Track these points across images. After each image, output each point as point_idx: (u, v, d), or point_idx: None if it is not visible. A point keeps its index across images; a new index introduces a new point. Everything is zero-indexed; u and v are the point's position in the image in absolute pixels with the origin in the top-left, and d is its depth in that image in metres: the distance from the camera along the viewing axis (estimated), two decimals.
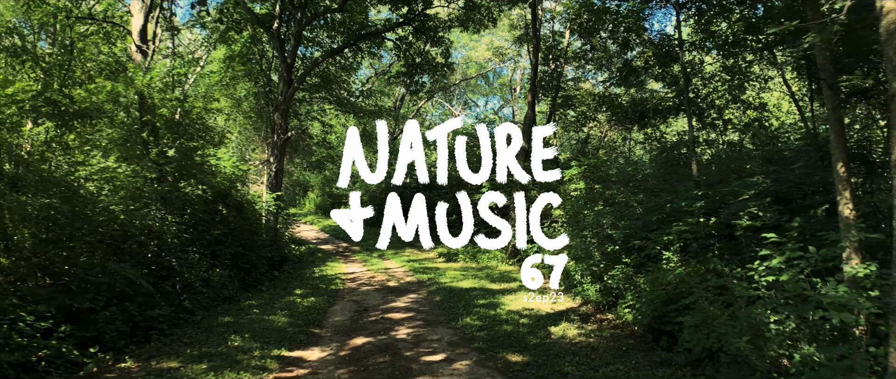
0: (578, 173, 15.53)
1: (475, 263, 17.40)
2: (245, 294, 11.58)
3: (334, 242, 22.94)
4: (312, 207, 32.45)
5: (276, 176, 18.69)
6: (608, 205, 12.76)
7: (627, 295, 8.74)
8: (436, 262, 17.83)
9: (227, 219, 12.88)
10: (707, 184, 9.71)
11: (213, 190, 12.56)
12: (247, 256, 12.77)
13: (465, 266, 16.84)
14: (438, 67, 21.89)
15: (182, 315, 8.88)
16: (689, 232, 8.25)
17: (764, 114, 21.30)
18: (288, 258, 16.73)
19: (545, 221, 16.43)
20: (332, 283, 13.45)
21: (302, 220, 29.94)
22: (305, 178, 34.47)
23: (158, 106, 11.22)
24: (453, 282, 13.54)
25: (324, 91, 21.88)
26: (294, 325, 8.84)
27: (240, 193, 14.45)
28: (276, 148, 18.73)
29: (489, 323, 9.08)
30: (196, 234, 11.30)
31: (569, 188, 16.58)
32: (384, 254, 19.78)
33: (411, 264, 16.90)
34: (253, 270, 12.87)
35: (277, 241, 17.16)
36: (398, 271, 15.75)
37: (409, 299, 11.43)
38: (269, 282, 13.35)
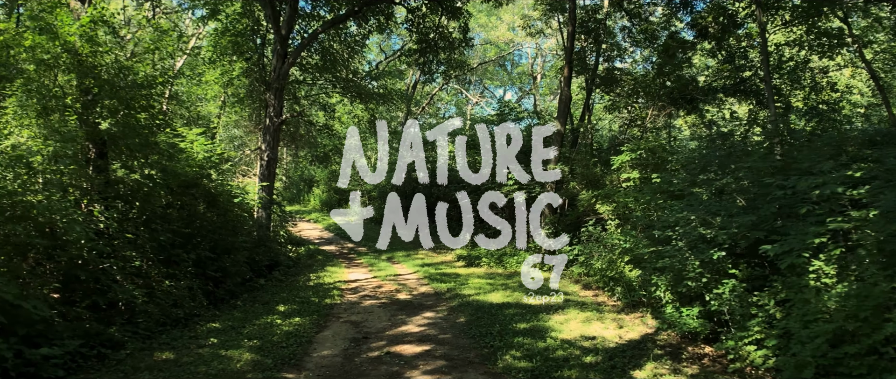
0: (631, 160, 12.66)
1: (502, 268, 14.60)
2: (211, 312, 8.88)
3: (339, 243, 20.27)
4: (317, 203, 29.82)
5: (268, 165, 16.05)
6: (673, 198, 9.91)
7: (751, 326, 5.87)
8: (455, 267, 15.06)
9: (193, 215, 10.20)
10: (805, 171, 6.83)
11: (177, 178, 9.90)
12: (219, 261, 10.08)
13: (491, 272, 14.04)
14: (456, 44, 19.11)
15: (101, 350, 6.19)
16: (854, 230, 5.40)
17: (840, 94, 18.27)
18: (280, 262, 14.04)
19: (589, 217, 13.60)
20: (329, 294, 10.73)
21: (305, 217, 27.29)
22: (310, 172, 31.87)
23: (97, 66, 8.54)
24: (479, 294, 10.76)
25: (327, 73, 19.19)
26: (259, 367, 6.10)
27: (216, 182, 11.77)
28: (268, 133, 16.07)
29: (541, 364, 6.26)
30: (145, 234, 8.62)
31: (617, 179, 13.71)
32: (394, 256, 17.05)
33: (426, 270, 14.15)
34: (227, 280, 10.17)
35: (268, 241, 14.50)
36: (410, 279, 12.99)
37: (425, 320, 8.67)
38: (249, 294, 10.66)
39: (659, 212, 9.93)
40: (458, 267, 14.96)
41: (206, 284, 9.58)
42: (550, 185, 14.76)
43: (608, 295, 10.74)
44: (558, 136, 14.93)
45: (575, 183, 14.02)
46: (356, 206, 27.91)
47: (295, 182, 33.59)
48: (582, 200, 13.29)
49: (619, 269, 9.98)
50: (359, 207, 27.72)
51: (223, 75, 18.65)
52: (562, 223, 14.56)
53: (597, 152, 15.84)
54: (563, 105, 15.18)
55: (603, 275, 11.26)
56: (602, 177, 13.78)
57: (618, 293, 9.96)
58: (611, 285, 10.29)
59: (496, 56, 29.84)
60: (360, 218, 27.09)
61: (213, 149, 11.98)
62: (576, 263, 13.56)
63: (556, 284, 12.22)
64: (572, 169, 14.39)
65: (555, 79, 37.63)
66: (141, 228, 8.73)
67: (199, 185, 10.60)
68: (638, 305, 9.47)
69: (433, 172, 25.71)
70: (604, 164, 14.64)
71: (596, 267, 11.75)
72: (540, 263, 14.47)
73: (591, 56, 16.96)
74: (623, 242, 9.85)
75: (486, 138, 21.91)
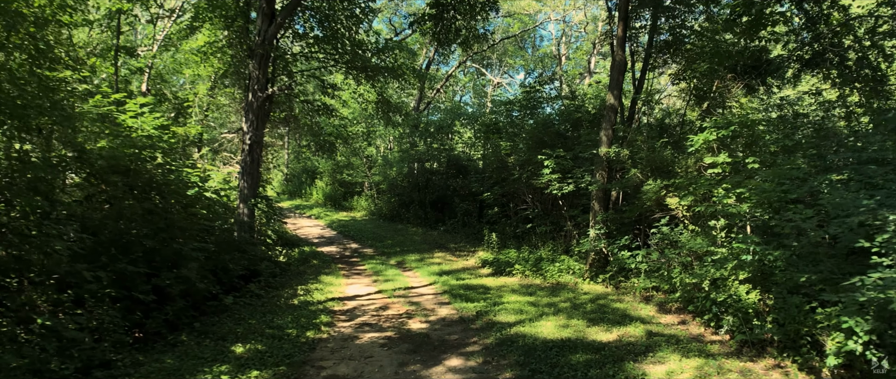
0: (718, 139, 9.50)
1: (540, 278, 11.53)
2: (131, 357, 5.92)
3: (341, 243, 17.32)
4: (320, 197, 26.90)
5: (251, 150, 13.08)
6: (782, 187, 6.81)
7: None
8: (480, 276, 12.02)
9: (121, 213, 7.24)
10: None
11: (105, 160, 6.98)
12: (156, 279, 7.12)
13: (527, 284, 10.99)
14: (477, 7, 15.97)
15: None
16: None
17: None
18: (260, 271, 11.06)
19: (657, 214, 10.49)
20: (313, 322, 7.74)
21: (306, 213, 24.37)
22: (313, 163, 28.95)
23: None
24: (523, 322, 7.71)
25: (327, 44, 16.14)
26: None
27: (171, 167, 8.82)
28: (251, 111, 13.11)
29: None
30: (37, 240, 5.69)
31: (694, 165, 10.56)
32: (405, 260, 14.06)
33: (445, 281, 11.13)
34: (168, 304, 7.20)
35: (247, 244, 11.56)
36: (426, 295, 9.97)
37: (454, 376, 5.65)
38: (204, 320, 7.70)
39: (786, 209, 6.79)
40: (485, 276, 11.91)
41: (134, 313, 6.62)
42: (601, 172, 11.66)
43: (702, 323, 7.65)
44: (610, 112, 11.79)
45: (636, 171, 10.90)
46: (363, 200, 25.01)
47: (296, 174, 30.69)
48: (647, 191, 10.21)
49: (731, 289, 6.88)
50: (366, 202, 24.81)
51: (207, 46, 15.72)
52: (617, 221, 11.45)
53: (662, 131, 12.66)
54: (615, 72, 12.03)
55: (690, 293, 8.17)
56: (672, 162, 10.65)
57: (727, 324, 6.86)
58: (712, 311, 7.19)
59: (520, 30, 26.70)
60: (368, 214, 24.17)
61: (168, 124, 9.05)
62: (637, 273, 10.49)
63: (623, 303, 9.14)
64: (633, 152, 11.25)
65: (582, 58, 34.37)
66: (31, 231, 5.80)
67: (133, 172, 7.63)
68: (764, 343, 6.38)
69: (451, 162, 22.70)
70: (674, 146, 11.50)
71: (679, 281, 8.65)
72: (588, 271, 11.42)
73: (644, 13, 13.77)
74: (740, 253, 6.74)
75: (514, 122, 18.81)
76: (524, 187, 15.62)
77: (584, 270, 11.39)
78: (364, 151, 24.74)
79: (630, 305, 8.89)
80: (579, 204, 13.73)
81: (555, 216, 14.94)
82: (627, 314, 8.24)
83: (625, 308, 8.69)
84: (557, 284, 10.92)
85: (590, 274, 11.23)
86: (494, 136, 17.71)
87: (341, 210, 25.00)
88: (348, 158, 26.08)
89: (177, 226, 8.20)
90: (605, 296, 9.68)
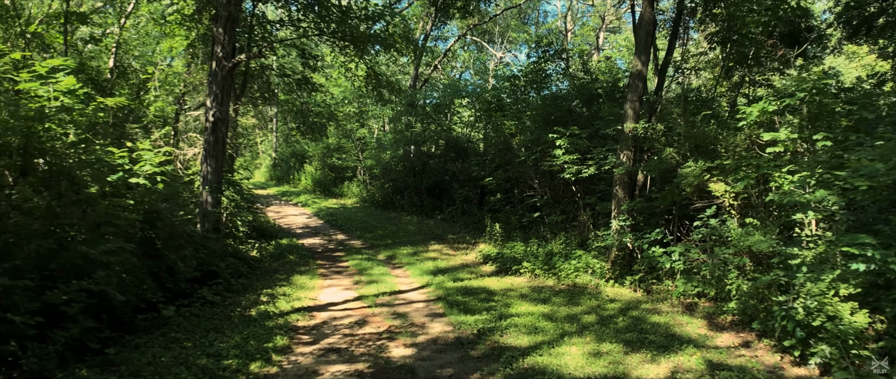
0: (778, 110, 7.64)
1: (552, 278, 9.71)
2: None
3: (327, 234, 15.49)
4: (309, 182, 25.02)
5: (214, 129, 11.24)
6: None
7: None
8: (482, 274, 10.21)
9: None
10: None
11: None
12: (50, 294, 5.29)
13: (539, 286, 9.18)
14: None
15: None
16: None
17: None
18: (220, 272, 9.23)
19: (700, 201, 8.67)
20: (263, 348, 5.92)
21: (292, 200, 22.52)
22: (302, 146, 27.01)
23: None
24: (541, 348, 5.89)
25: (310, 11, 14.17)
26: None
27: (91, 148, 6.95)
28: (215, 82, 11.23)
29: None
30: None
31: (741, 143, 8.68)
32: (396, 255, 12.26)
33: (440, 282, 9.31)
34: (70, 326, 5.37)
35: (206, 240, 9.75)
36: (416, 302, 8.15)
37: None
38: (126, 343, 5.90)
39: None
40: (488, 275, 10.10)
41: (7, 343, 4.80)
42: (626, 153, 9.79)
43: (774, 347, 5.83)
44: (638, 80, 9.88)
45: (672, 150, 9.01)
46: (354, 186, 23.11)
47: (285, 159, 28.81)
48: (686, 175, 8.35)
49: (832, 309, 5.03)
50: (357, 189, 22.91)
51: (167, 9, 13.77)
52: (645, 211, 9.62)
53: (701, 104, 10.70)
54: (642, 33, 10.09)
55: (751, 305, 6.36)
56: (715, 140, 8.75)
57: (821, 355, 5.03)
58: (795, 334, 5.35)
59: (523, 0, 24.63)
60: (359, 201, 22.29)
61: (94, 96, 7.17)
62: (670, 273, 8.69)
63: (662, 315, 7.35)
64: (669, 127, 9.36)
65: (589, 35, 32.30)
66: None
67: (29, 152, 5.77)
68: None
69: (449, 144, 20.70)
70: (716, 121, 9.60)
71: (734, 289, 6.84)
72: (611, 270, 9.59)
73: None
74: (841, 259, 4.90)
75: (520, 98, 16.85)
76: (531, 171, 13.76)
77: (604, 268, 9.56)
78: (356, 133, 22.82)
79: (671, 319, 7.07)
80: (596, 190, 11.87)
81: (566, 204, 13.10)
82: (673, 333, 6.42)
83: (666, 323, 6.88)
84: (575, 287, 9.11)
85: (613, 274, 9.41)
86: (497, 115, 15.80)
87: (331, 197, 23.15)
88: (339, 141, 24.16)
89: (95, 222, 6.36)
90: (637, 304, 7.87)
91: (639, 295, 8.53)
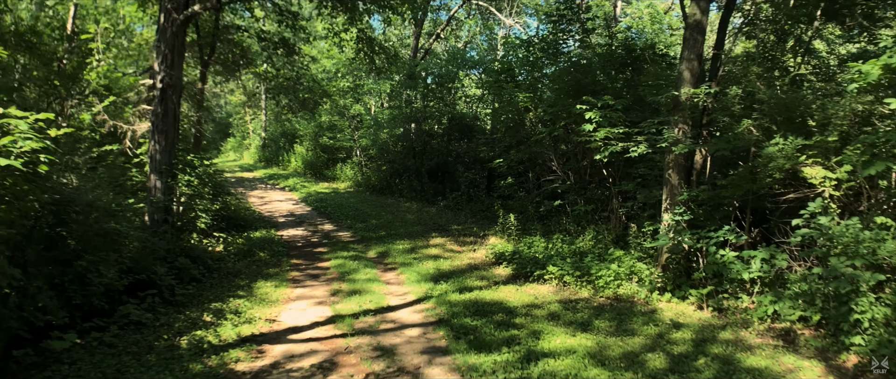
0: None
1: (588, 288, 7.57)
2: None
3: (312, 224, 13.36)
4: (299, 164, 22.84)
5: (163, 97, 9.13)
6: None
7: None
8: (496, 279, 8.08)
9: None
10: None
11: None
12: None
13: (571, 299, 7.05)
14: None
15: None
16: None
17: None
18: (157, 280, 7.08)
19: (785, 190, 6.49)
20: None
21: (279, 184, 20.36)
22: (293, 125, 24.77)
23: None
24: None
25: None
26: None
27: None
28: (163, 41, 9.06)
29: None
30: None
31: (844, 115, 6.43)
32: (390, 252, 10.16)
33: (441, 291, 7.20)
34: None
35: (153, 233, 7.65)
36: (411, 326, 6.03)
37: None
38: None
39: None
40: (503, 282, 7.97)
41: None
42: (682, 126, 7.58)
43: None
44: (696, 33, 7.63)
45: (750, 122, 6.76)
46: (348, 169, 20.85)
47: (274, 139, 26.61)
48: (773, 154, 6.17)
49: None
50: (351, 171, 20.65)
51: None
52: (709, 203, 7.44)
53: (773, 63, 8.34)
54: None
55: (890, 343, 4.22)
56: (810, 110, 6.51)
57: None
58: None
59: None
60: (353, 186, 20.04)
61: None
62: (745, 286, 6.56)
63: (756, 354, 5.21)
64: (748, 91, 7.12)
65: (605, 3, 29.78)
66: None
67: None
68: None
69: (453, 122, 18.30)
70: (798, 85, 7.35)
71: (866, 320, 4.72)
72: (663, 277, 7.45)
73: None
74: None
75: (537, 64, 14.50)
76: (551, 151, 11.57)
77: (654, 275, 7.42)
78: (350, 110, 20.56)
79: (773, 360, 4.93)
80: (635, 174, 9.66)
81: (593, 190, 10.91)
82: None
83: (768, 368, 4.74)
84: (618, 301, 6.99)
85: (666, 283, 7.27)
86: (509, 85, 13.52)
87: (322, 180, 20.99)
88: (332, 119, 21.93)
89: None
90: (712, 333, 5.74)
91: (707, 315, 6.40)
